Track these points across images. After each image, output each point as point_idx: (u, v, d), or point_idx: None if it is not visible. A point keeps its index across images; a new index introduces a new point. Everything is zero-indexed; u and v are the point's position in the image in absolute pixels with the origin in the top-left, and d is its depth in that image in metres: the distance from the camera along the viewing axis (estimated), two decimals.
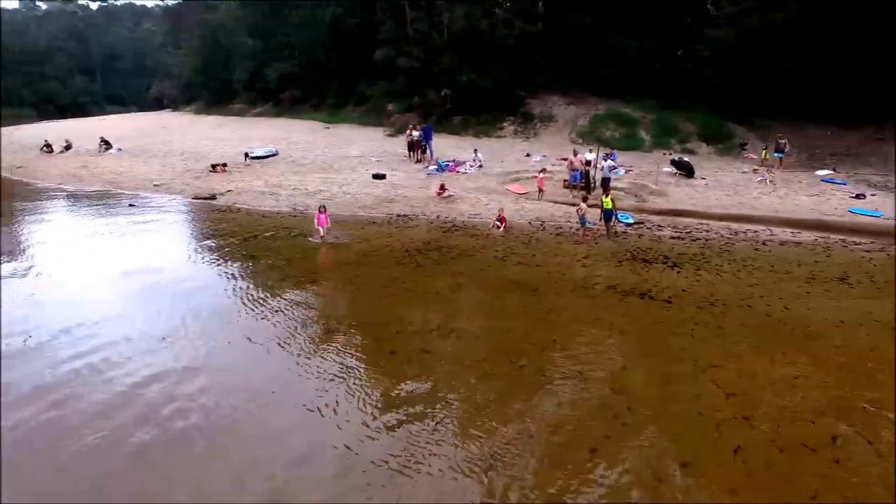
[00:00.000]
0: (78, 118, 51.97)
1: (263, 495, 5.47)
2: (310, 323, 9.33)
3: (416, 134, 24.70)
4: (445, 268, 12.10)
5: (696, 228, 14.86)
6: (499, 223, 15.12)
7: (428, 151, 24.54)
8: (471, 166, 22.66)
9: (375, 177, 21.50)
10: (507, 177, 21.35)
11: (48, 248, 14.13)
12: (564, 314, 9.64)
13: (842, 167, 21.43)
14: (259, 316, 9.59)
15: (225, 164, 23.94)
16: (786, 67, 22.62)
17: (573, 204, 16.22)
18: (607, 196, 14.67)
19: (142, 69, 78.30)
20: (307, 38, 40.11)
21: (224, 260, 12.84)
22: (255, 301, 10.22)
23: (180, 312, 9.59)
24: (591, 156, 19.56)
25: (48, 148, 31.06)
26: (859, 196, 17.53)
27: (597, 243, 13.80)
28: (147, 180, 22.60)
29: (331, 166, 24.13)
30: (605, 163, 18.14)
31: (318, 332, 8.94)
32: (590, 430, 6.39)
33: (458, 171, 22.26)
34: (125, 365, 7.85)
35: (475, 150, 23.65)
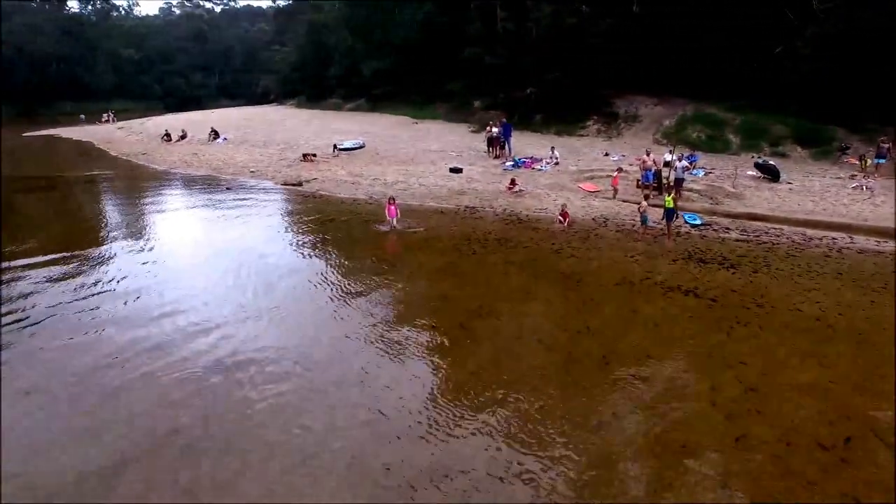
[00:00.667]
0: (195, 111, 57.17)
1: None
2: (362, 296, 10.27)
3: (496, 131, 25.31)
4: (499, 256, 12.65)
5: (766, 232, 14.32)
6: (561, 218, 15.38)
7: (507, 148, 25.06)
8: (546, 164, 22.91)
9: (452, 170, 22.32)
10: (582, 175, 21.40)
11: (154, 222, 16.42)
12: (604, 305, 9.91)
13: None
14: (316, 286, 10.76)
15: (315, 155, 25.77)
16: None
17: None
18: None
19: (251, 65, 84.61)
20: (402, 36, 41.77)
21: (298, 238, 14.25)
22: (317, 275, 11.39)
23: (254, 283, 10.95)
24: (670, 157, 19.20)
25: (167, 137, 34.79)
26: None
27: (656, 242, 13.74)
28: (245, 167, 24.88)
29: (411, 159, 25.27)
30: (680, 163, 17.80)
31: (368, 306, 9.85)
32: (596, 409, 6.76)
33: (534, 168, 22.59)
34: (195, 314, 9.18)
35: (552, 148, 23.85)
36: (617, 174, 18.97)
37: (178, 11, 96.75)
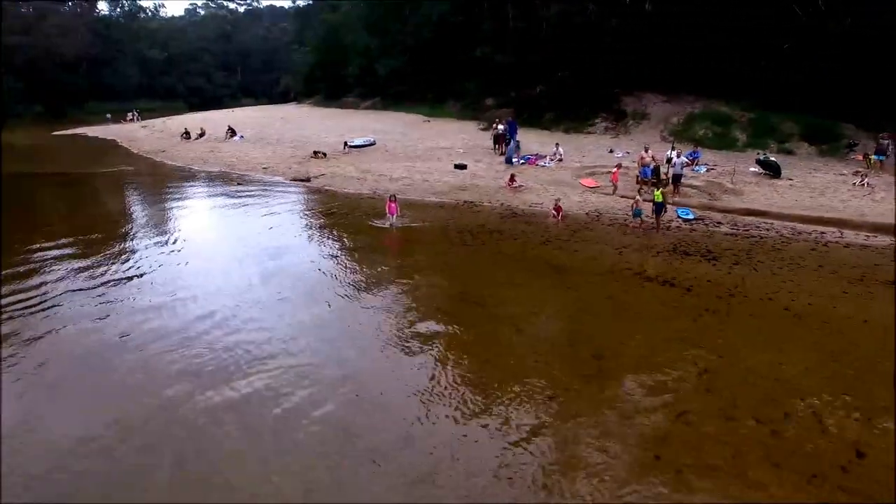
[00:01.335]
0: (216, 109, 58.54)
1: None
2: (348, 282, 10.87)
3: (502, 128, 25.71)
4: (488, 248, 13.12)
5: (756, 227, 14.53)
6: (555, 212, 15.76)
7: (512, 144, 25.40)
8: (550, 160, 23.23)
9: (457, 167, 22.79)
10: (584, 171, 21.69)
11: (158, 213, 17.51)
12: (581, 291, 10.33)
13: None
14: (305, 272, 11.42)
15: (325, 153, 26.45)
16: None
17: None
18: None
19: (272, 65, 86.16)
20: (416, 35, 42.33)
21: (300, 229, 14.95)
22: (306, 261, 12.08)
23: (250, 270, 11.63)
24: (672, 153, 19.37)
25: (186, 135, 35.86)
26: None
27: (645, 235, 14.05)
28: (258, 164, 25.70)
29: (419, 156, 25.80)
30: (678, 159, 18.01)
31: (351, 292, 10.42)
32: (553, 378, 7.22)
33: (537, 164, 22.95)
34: (208, 303, 9.85)
35: (556, 144, 24.17)
36: (616, 170, 19.23)
37: (202, 12, 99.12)
